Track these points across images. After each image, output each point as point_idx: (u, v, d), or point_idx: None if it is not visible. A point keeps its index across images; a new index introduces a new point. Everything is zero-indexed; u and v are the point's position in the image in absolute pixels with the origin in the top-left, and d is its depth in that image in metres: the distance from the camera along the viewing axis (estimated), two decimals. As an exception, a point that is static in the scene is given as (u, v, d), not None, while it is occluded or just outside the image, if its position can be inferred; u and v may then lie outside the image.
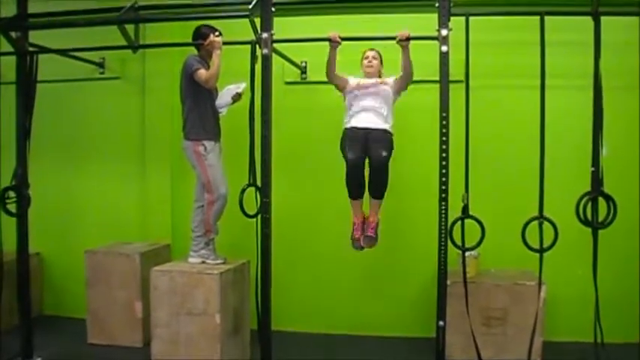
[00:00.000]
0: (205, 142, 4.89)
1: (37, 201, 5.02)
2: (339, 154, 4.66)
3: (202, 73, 4.77)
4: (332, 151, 4.78)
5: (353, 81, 4.90)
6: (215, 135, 5.02)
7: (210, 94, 4.97)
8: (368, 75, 4.92)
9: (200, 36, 4.92)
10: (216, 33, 4.87)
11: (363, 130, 4.68)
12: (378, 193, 4.70)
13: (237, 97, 4.88)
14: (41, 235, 5.80)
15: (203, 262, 4.93)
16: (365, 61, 4.95)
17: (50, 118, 6.22)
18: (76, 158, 6.44)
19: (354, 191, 4.69)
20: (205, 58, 4.89)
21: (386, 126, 4.74)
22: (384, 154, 4.58)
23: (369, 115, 4.72)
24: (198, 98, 4.91)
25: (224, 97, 4.93)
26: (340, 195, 4.76)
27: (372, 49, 4.98)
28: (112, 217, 6.32)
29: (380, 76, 4.93)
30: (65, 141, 6.45)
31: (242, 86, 4.84)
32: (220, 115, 5.00)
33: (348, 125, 4.77)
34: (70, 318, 6.25)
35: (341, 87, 4.94)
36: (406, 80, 4.78)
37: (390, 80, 4.87)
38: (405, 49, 4.56)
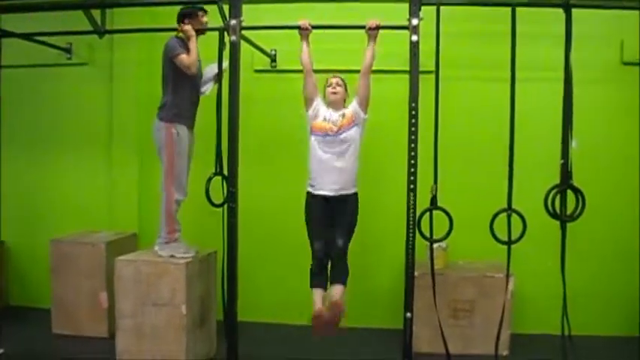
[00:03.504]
0: (179, 127, 4.76)
1: (1, 190, 4.93)
2: (308, 144, 4.61)
3: (184, 58, 4.63)
4: (301, 141, 4.73)
5: (318, 110, 4.61)
6: (190, 122, 4.91)
7: (193, 79, 4.85)
8: (332, 103, 4.63)
9: (185, 16, 4.78)
10: (200, 13, 4.77)
11: (327, 200, 4.53)
12: (338, 278, 4.53)
13: (217, 78, 4.80)
14: (6, 224, 5.68)
15: (172, 257, 4.81)
16: (329, 89, 4.65)
17: (15, 104, 6.11)
18: (42, 146, 6.34)
19: (317, 281, 4.54)
20: (185, 40, 4.75)
21: (352, 190, 4.57)
22: (340, 242, 4.47)
23: (335, 181, 4.50)
24: (179, 82, 4.76)
25: (205, 77, 4.91)
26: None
27: (335, 76, 4.72)
28: (78, 206, 6.23)
29: (344, 104, 4.67)
30: (30, 128, 6.35)
31: (224, 64, 4.72)
32: (203, 95, 4.93)
33: (312, 190, 4.59)
34: (36, 308, 6.15)
35: (307, 94, 4.64)
36: (366, 79, 4.52)
37: (353, 108, 4.58)
38: (372, 39, 4.49)
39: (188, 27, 4.67)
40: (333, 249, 4.51)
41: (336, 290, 4.48)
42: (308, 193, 4.62)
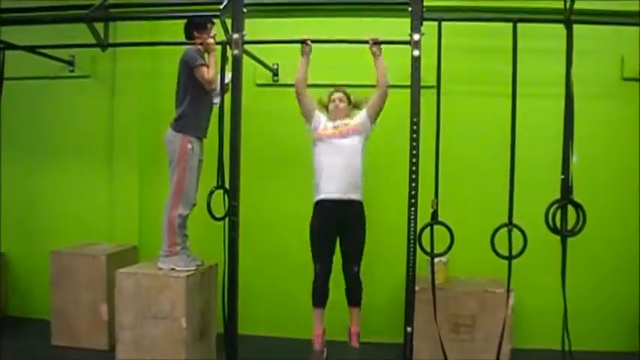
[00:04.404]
0: (194, 141, 4.76)
1: (1, 200, 4.93)
2: (310, 158, 4.59)
3: (205, 71, 4.61)
4: (303, 154, 4.75)
5: (320, 121, 4.67)
6: (204, 134, 4.90)
7: (211, 91, 4.83)
8: (335, 117, 4.68)
9: (194, 26, 4.76)
10: (209, 25, 4.74)
11: (334, 208, 4.54)
12: (355, 300, 4.68)
13: (225, 88, 4.77)
14: (6, 236, 5.69)
15: (172, 270, 4.78)
16: (331, 105, 4.71)
17: (17, 116, 6.15)
18: (43, 157, 6.33)
19: (319, 301, 4.64)
20: (201, 51, 4.72)
21: (357, 196, 4.57)
22: (355, 269, 4.56)
23: (339, 181, 4.52)
24: (197, 93, 4.74)
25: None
26: (309, 199, 4.71)
27: (338, 90, 4.76)
28: (78, 218, 6.23)
29: (349, 116, 4.72)
30: (32, 140, 6.35)
31: (227, 76, 4.71)
32: (215, 106, 4.92)
33: (319, 197, 4.59)
34: (35, 319, 6.12)
35: (305, 112, 4.71)
36: (382, 93, 4.56)
37: (361, 118, 4.64)
38: (377, 57, 4.49)
39: (212, 40, 4.66)
40: (347, 273, 4.61)
41: (354, 314, 4.71)
42: (314, 204, 4.64)
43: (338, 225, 4.57)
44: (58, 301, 5.49)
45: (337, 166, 4.51)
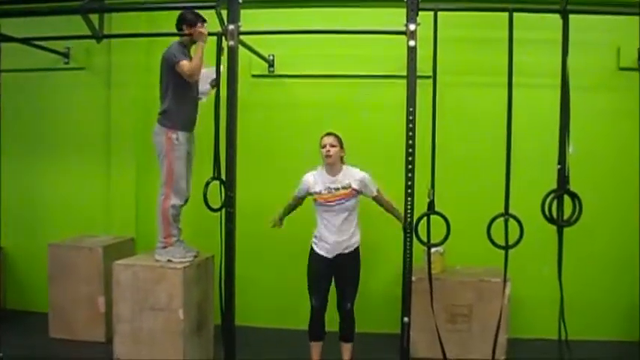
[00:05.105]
0: (179, 132, 4.74)
1: (-1, 194, 4.93)
2: (306, 149, 4.58)
3: (185, 65, 4.56)
4: (298, 146, 4.74)
5: (314, 187, 4.59)
6: (191, 127, 4.89)
7: (194, 84, 4.81)
8: (328, 165, 4.57)
9: (185, 22, 4.72)
10: (200, 23, 4.66)
11: (329, 261, 4.57)
12: (348, 336, 4.72)
13: (214, 83, 4.73)
14: (4, 229, 5.68)
15: (169, 261, 4.77)
16: (323, 150, 4.55)
17: (13, 108, 6.10)
18: (40, 150, 6.33)
19: (315, 336, 4.69)
20: (187, 46, 4.74)
21: (353, 245, 4.60)
22: (349, 305, 4.60)
23: (334, 238, 4.53)
24: (180, 88, 4.72)
25: (202, 83, 4.86)
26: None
27: (329, 134, 4.59)
28: (76, 210, 6.23)
29: (342, 161, 4.64)
30: (28, 132, 6.34)
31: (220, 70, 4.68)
32: (201, 102, 4.91)
33: (315, 247, 4.65)
34: (33, 312, 6.14)
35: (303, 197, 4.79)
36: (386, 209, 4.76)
37: (360, 186, 4.57)
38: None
39: (204, 30, 4.60)
40: (341, 310, 4.65)
41: (347, 349, 4.75)
42: (311, 247, 4.67)
43: (334, 267, 4.60)
44: (56, 293, 5.52)
45: (333, 229, 4.53)
